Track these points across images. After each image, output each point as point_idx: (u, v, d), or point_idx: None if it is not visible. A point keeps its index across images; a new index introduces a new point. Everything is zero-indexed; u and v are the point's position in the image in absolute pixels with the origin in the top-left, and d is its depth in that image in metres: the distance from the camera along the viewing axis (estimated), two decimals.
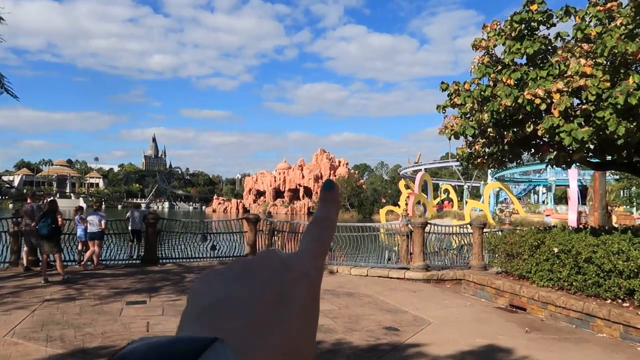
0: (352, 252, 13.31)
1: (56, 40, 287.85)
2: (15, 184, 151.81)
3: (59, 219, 9.70)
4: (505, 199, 78.05)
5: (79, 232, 12.29)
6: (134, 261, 12.68)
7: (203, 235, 13.54)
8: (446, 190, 77.35)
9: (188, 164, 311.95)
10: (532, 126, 7.58)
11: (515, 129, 7.88)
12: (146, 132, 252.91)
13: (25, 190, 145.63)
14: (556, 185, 69.72)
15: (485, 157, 9.57)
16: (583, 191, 48.72)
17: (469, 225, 12.76)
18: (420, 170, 77.49)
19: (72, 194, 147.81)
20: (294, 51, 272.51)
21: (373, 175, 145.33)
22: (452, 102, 9.51)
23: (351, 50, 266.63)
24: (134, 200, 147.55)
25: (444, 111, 9.96)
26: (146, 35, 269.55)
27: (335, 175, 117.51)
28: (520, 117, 7.54)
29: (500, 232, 14.41)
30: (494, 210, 58.58)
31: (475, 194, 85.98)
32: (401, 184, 66.83)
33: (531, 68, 7.75)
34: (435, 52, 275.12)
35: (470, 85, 9.25)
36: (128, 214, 13.11)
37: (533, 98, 7.04)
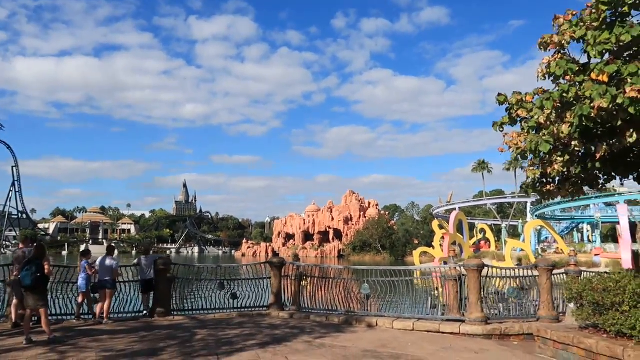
0: (389, 299, 11.35)
1: (95, 93, 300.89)
2: (50, 231, 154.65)
3: (46, 267, 8.22)
4: (546, 237, 74.16)
5: (80, 281, 10.72)
6: (141, 314, 11.07)
7: (220, 283, 11.81)
8: (482, 230, 73.93)
9: (218, 209, 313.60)
10: (634, 135, 5.78)
11: (611, 141, 6.07)
12: (178, 179, 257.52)
13: (59, 238, 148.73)
14: (602, 223, 65.56)
15: (560, 182, 7.76)
16: (632, 228, 45.08)
17: (533, 268, 10.70)
18: (455, 209, 74.63)
19: (104, 240, 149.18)
20: (322, 96, 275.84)
21: (404, 216, 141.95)
22: (513, 115, 7.83)
23: (378, 93, 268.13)
24: (164, 245, 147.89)
25: (501, 129, 8.28)
26: (179, 86, 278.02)
27: (365, 217, 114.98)
28: (619, 123, 5.75)
29: (564, 275, 12.28)
30: (536, 249, 55.14)
31: (513, 234, 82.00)
32: (434, 224, 64.21)
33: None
34: (462, 93, 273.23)
35: (533, 97, 7.60)
36: (135, 260, 11.57)
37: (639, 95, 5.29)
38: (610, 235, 76.21)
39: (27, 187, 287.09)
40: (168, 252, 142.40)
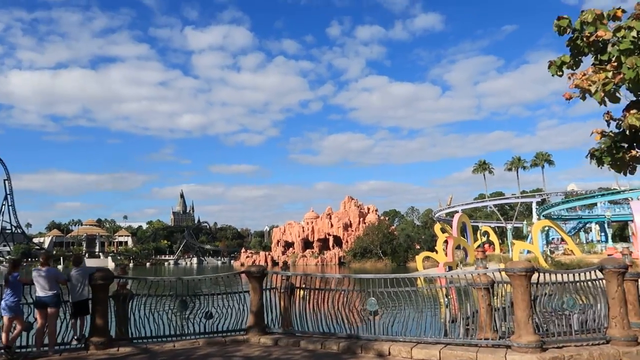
0: (402, 315, 8.63)
1: (91, 105, 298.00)
2: (46, 245, 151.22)
3: None
4: (553, 239, 71.44)
5: (2, 303, 8.03)
6: (70, 347, 8.35)
7: (182, 300, 9.12)
8: (485, 233, 71.28)
9: (217, 219, 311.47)
10: None
11: None
12: (176, 190, 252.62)
13: (54, 252, 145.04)
14: (612, 221, 62.82)
15: None
16: None
17: (597, 271, 8.04)
18: (457, 212, 71.96)
19: (100, 254, 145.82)
20: (319, 104, 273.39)
21: (404, 221, 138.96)
22: (584, 43, 5.31)
23: (374, 100, 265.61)
24: (162, 257, 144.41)
25: (559, 73, 5.78)
26: (176, 96, 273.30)
27: (365, 223, 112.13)
28: None
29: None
30: (544, 251, 52.39)
31: (518, 236, 79.17)
32: (437, 227, 61.47)
33: None
34: (457, 98, 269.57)
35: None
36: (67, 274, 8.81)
37: None
38: (618, 235, 73.42)
39: (24, 202, 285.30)
40: (166, 263, 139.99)
